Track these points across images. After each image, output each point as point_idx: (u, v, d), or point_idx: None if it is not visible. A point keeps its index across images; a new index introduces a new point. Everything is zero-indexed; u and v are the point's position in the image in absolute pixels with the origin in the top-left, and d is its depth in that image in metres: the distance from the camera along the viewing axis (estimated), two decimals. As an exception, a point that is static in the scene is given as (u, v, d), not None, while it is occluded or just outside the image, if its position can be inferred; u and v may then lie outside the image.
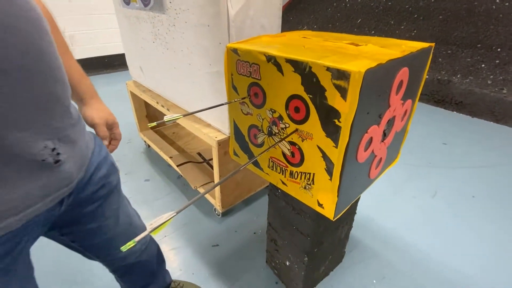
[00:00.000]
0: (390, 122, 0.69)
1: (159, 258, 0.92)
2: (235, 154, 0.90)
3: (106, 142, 0.64)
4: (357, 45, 0.68)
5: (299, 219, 0.88)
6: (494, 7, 3.40)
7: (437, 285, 1.11)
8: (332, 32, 0.88)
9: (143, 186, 1.65)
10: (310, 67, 0.55)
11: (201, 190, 1.44)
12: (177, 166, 1.59)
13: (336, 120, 0.55)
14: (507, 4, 3.33)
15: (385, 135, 0.70)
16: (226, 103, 0.72)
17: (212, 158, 1.69)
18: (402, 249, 1.26)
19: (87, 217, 0.60)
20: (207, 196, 1.41)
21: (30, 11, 0.38)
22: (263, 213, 1.45)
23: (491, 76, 2.83)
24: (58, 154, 0.43)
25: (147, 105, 1.91)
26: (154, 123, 0.55)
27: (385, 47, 0.66)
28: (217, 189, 1.29)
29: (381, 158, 0.75)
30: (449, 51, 3.34)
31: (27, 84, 0.37)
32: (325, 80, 0.53)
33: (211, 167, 1.63)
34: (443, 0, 3.75)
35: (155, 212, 0.80)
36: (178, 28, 1.05)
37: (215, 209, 1.44)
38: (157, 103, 1.48)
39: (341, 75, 0.51)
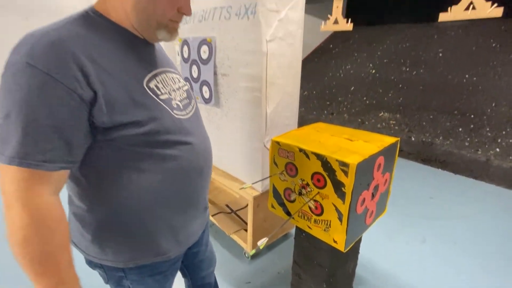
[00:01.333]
0: (376, 188, 1.10)
1: (216, 285, 1.24)
2: (273, 207, 1.29)
3: None
4: (351, 140, 1.12)
5: (318, 255, 1.23)
6: (464, 80, 4.06)
7: (427, 314, 1.40)
8: (335, 125, 1.34)
9: (182, 233, 1.99)
10: (327, 158, 0.98)
11: (234, 237, 1.78)
12: (212, 216, 1.95)
13: (342, 188, 0.96)
14: (474, 78, 3.99)
15: (373, 195, 1.10)
16: (272, 176, 1.14)
17: (239, 208, 2.07)
18: (397, 285, 1.56)
19: (195, 243, 0.98)
20: (239, 240, 1.75)
21: (209, 140, 0.82)
22: (283, 256, 1.77)
23: (468, 139, 3.32)
24: (205, 203, 0.84)
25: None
26: (242, 188, 0.97)
27: (369, 142, 1.10)
28: (249, 235, 1.64)
29: (372, 211, 1.14)
30: (431, 116, 3.90)
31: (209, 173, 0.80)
32: (335, 166, 0.96)
33: (238, 216, 1.99)
34: (422, 73, 4.47)
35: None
36: (229, 118, 1.53)
37: (245, 252, 1.76)
38: (200, 165, 1.90)
39: (344, 164, 0.93)
